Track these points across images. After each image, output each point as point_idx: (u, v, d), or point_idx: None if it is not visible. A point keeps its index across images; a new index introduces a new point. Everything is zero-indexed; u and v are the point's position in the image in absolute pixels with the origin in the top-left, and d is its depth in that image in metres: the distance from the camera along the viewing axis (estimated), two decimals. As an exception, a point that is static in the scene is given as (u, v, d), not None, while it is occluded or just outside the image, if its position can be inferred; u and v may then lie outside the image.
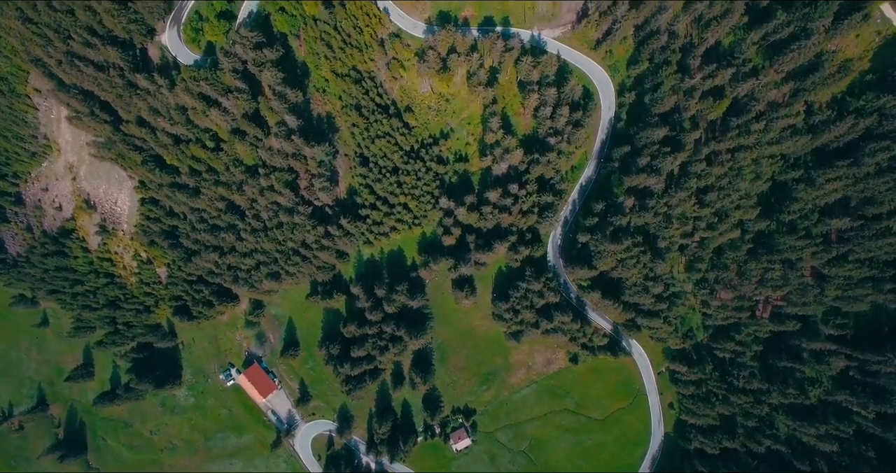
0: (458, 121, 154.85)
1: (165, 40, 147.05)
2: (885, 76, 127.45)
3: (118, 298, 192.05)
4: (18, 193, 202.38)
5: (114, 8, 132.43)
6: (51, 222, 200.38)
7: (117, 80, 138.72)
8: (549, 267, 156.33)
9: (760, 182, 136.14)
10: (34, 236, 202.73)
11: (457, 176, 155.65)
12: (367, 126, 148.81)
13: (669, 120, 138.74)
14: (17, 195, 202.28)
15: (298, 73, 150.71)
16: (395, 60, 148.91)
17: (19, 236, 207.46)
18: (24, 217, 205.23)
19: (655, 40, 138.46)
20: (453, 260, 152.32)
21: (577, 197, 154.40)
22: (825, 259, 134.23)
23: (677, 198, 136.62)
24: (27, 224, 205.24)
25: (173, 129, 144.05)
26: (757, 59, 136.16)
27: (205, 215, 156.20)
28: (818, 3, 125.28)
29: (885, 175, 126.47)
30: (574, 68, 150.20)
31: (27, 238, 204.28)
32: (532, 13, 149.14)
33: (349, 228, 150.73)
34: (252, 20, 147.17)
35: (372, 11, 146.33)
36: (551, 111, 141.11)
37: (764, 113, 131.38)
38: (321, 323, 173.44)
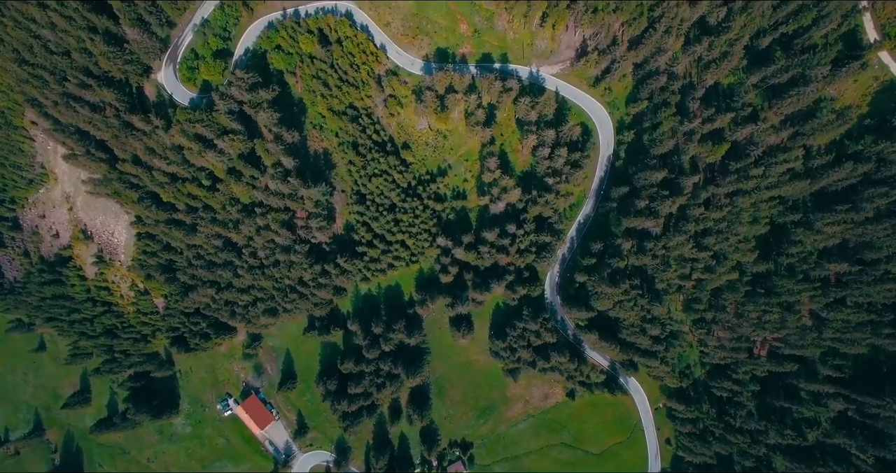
0: (456, 158, 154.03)
1: (161, 78, 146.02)
2: (884, 122, 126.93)
3: (115, 327, 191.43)
4: (15, 218, 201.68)
5: (109, 50, 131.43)
6: (48, 248, 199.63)
7: (113, 121, 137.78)
8: (546, 305, 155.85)
9: (759, 225, 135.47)
10: (31, 262, 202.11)
11: (454, 213, 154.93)
12: (364, 164, 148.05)
13: (668, 161, 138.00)
14: (14, 220, 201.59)
15: (295, 110, 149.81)
16: (392, 98, 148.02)
17: (16, 261, 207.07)
18: (21, 242, 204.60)
19: (655, 80, 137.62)
20: (450, 299, 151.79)
21: (575, 234, 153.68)
22: (823, 303, 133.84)
23: (675, 241, 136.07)
24: (24, 249, 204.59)
25: (169, 168, 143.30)
26: (756, 101, 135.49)
27: (201, 251, 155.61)
28: (816, 50, 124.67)
29: (884, 221, 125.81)
30: (573, 105, 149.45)
31: (24, 263, 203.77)
32: (530, 50, 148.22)
33: (346, 266, 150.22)
34: (248, 58, 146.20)
35: (369, 49, 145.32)
36: (549, 151, 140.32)
37: (763, 157, 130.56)
38: (319, 356, 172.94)
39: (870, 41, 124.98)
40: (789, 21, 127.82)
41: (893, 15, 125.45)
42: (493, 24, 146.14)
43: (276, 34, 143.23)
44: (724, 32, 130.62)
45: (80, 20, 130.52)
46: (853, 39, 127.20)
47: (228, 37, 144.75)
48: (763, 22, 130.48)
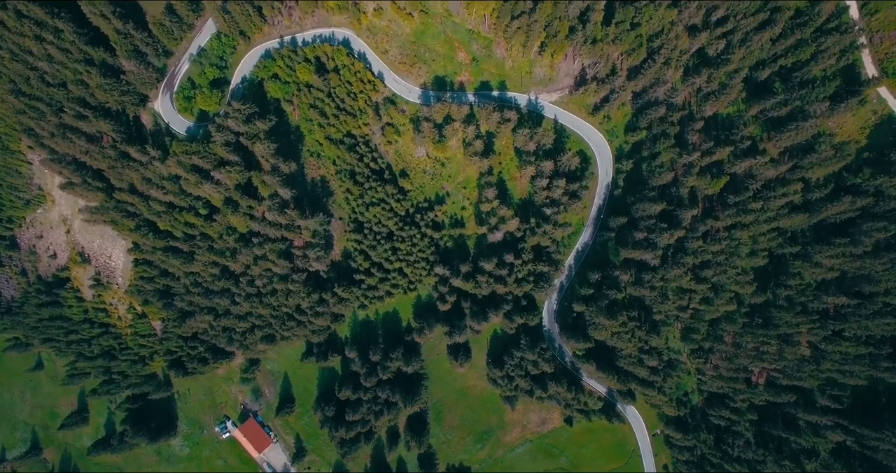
0: (454, 185, 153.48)
1: (158, 107, 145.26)
2: (882, 156, 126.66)
3: (113, 348, 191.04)
4: (13, 237, 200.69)
5: (106, 82, 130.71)
6: (45, 267, 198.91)
7: (110, 152, 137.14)
8: (544, 333, 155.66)
9: (758, 258, 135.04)
10: (28, 281, 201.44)
11: (452, 240, 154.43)
12: (362, 193, 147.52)
13: (667, 193, 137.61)
14: (11, 239, 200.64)
15: (292, 138, 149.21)
16: (389, 126, 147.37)
17: (13, 280, 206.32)
18: (19, 261, 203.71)
19: (654, 111, 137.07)
20: (448, 327, 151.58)
21: (574, 262, 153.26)
22: (821, 335, 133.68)
23: (673, 273, 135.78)
24: (21, 268, 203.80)
25: (166, 198, 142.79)
26: (756, 131, 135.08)
27: (199, 279, 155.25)
28: (815, 85, 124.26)
29: (883, 255, 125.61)
30: (571, 132, 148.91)
31: (21, 282, 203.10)
32: (529, 77, 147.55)
33: (343, 295, 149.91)
34: (245, 86, 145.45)
35: (366, 77, 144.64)
36: (548, 182, 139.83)
37: (761, 191, 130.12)
38: (317, 380, 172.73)
39: (868, 76, 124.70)
40: (788, 54, 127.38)
41: (891, 49, 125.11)
42: (491, 52, 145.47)
43: (273, 63, 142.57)
44: (724, 64, 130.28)
45: (76, 52, 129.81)
46: (852, 73, 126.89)
47: (225, 66, 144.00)
48: (762, 54, 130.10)
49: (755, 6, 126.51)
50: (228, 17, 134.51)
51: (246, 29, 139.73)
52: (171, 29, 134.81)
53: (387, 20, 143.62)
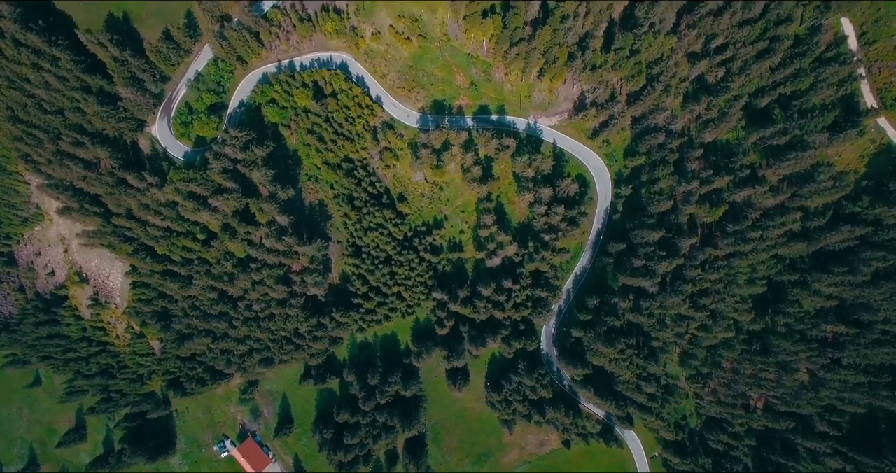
0: (453, 209, 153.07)
1: (155, 132, 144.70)
2: (881, 185, 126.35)
3: (111, 366, 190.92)
4: (11, 253, 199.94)
5: (103, 110, 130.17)
6: (43, 284, 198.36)
7: (107, 178, 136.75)
8: (542, 356, 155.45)
9: (756, 286, 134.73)
10: (26, 297, 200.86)
11: (450, 264, 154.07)
12: (360, 218, 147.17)
13: (666, 220, 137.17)
14: (9, 255, 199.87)
15: (290, 162, 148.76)
16: (387, 150, 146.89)
17: (11, 296, 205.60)
18: (17, 277, 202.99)
19: (653, 137, 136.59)
20: (447, 351, 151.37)
21: (572, 286, 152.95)
22: (820, 364, 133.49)
23: (671, 301, 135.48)
24: (19, 284, 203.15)
25: (163, 223, 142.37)
26: (755, 158, 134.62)
27: (197, 302, 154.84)
28: (814, 114, 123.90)
29: (882, 284, 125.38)
30: (570, 156, 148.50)
31: (19, 299, 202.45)
32: (528, 101, 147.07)
33: (341, 319, 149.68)
34: (242, 111, 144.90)
35: (364, 102, 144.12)
36: (546, 208, 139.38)
37: (760, 220, 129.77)
38: (315, 401, 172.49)
39: (867, 106, 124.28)
40: (787, 82, 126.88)
41: (889, 79, 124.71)
42: (490, 76, 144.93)
43: (271, 88, 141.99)
44: (723, 92, 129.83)
45: (73, 80, 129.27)
46: (851, 102, 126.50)
47: (222, 90, 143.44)
48: (762, 82, 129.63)
49: (754, 35, 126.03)
50: (226, 43, 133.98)
51: (243, 54, 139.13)
52: (169, 55, 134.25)
53: (385, 44, 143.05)
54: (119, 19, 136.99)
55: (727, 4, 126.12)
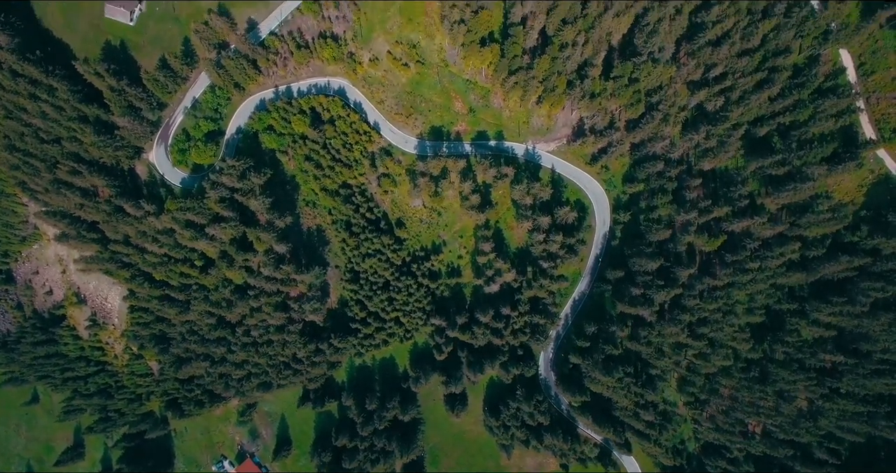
0: (451, 234, 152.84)
1: (153, 158, 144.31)
2: (879, 215, 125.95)
3: (109, 386, 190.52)
4: (9, 271, 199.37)
5: (99, 140, 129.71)
6: (41, 302, 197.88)
7: (104, 206, 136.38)
8: (540, 381, 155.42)
9: (755, 316, 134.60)
10: (24, 315, 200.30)
11: (449, 289, 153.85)
12: (358, 244, 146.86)
13: (664, 249, 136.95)
14: (7, 272, 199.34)
15: (287, 188, 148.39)
16: (385, 177, 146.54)
17: (9, 314, 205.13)
18: (15, 295, 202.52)
19: (651, 165, 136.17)
20: (445, 377, 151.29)
21: (570, 311, 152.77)
22: (819, 393, 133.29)
23: (669, 331, 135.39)
24: (17, 302, 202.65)
25: (161, 250, 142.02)
26: (754, 186, 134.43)
27: (195, 327, 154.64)
28: (813, 145, 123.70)
29: (881, 315, 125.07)
30: (569, 182, 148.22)
31: (17, 316, 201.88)
32: (526, 127, 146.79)
33: (340, 345, 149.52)
34: (239, 138, 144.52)
35: (362, 128, 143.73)
36: (544, 236, 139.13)
37: (759, 250, 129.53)
38: (314, 423, 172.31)
39: (866, 138, 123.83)
40: (786, 113, 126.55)
41: (887, 110, 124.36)
42: (488, 102, 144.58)
43: (268, 115, 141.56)
44: (722, 121, 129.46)
45: (70, 110, 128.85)
46: (850, 133, 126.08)
47: (220, 117, 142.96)
48: (761, 111, 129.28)
49: (753, 65, 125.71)
50: (223, 71, 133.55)
51: (240, 81, 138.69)
52: (165, 83, 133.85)
53: (383, 70, 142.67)
54: (116, 47, 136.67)
55: (726, 34, 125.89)
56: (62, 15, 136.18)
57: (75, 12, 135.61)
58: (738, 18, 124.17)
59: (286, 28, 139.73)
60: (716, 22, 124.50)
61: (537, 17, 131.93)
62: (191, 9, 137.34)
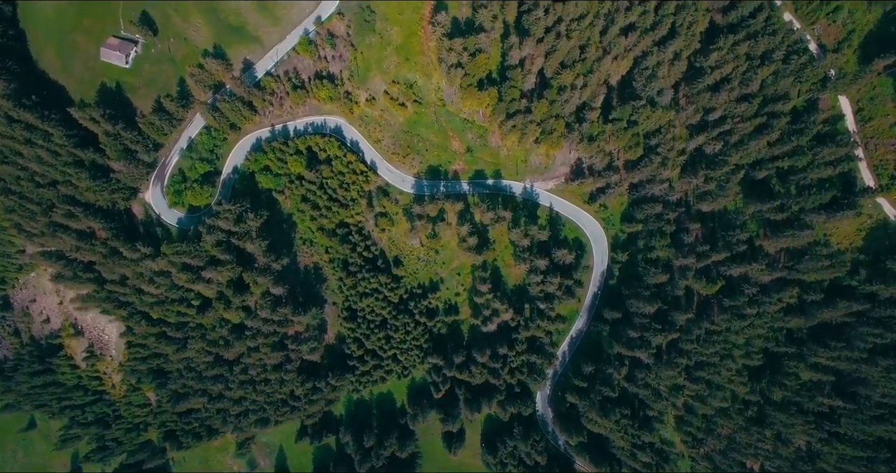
0: (448, 272, 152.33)
1: (149, 198, 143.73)
2: (877, 260, 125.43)
3: (107, 415, 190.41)
4: (6, 297, 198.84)
5: (95, 184, 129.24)
6: (38, 329, 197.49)
7: (100, 248, 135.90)
8: (537, 417, 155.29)
9: (753, 359, 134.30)
10: (21, 341, 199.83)
11: (446, 326, 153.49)
12: (355, 283, 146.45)
13: (662, 291, 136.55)
14: (4, 298, 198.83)
15: (284, 226, 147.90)
16: (382, 216, 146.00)
17: (6, 340, 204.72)
18: (12, 321, 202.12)
19: (650, 206, 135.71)
20: (443, 414, 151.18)
21: (568, 349, 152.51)
22: (817, 437, 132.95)
23: (667, 374, 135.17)
24: (14, 328, 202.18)
25: (158, 291, 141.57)
26: (753, 227, 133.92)
27: (192, 364, 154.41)
28: (812, 192, 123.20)
29: (879, 361, 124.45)
30: (567, 220, 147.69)
31: (14, 343, 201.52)
32: (524, 166, 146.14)
33: (337, 383, 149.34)
34: (236, 178, 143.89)
35: (359, 168, 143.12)
36: (542, 278, 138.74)
37: (757, 295, 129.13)
38: (311, 455, 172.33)
39: (864, 185, 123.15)
40: (785, 157, 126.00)
41: (885, 157, 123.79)
42: (486, 141, 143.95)
43: (264, 156, 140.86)
44: (721, 165, 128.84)
45: (65, 155, 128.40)
46: (848, 179, 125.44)
47: (215, 157, 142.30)
48: (759, 154, 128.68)
49: (752, 110, 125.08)
50: (218, 114, 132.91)
51: (236, 121, 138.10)
52: (161, 126, 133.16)
53: (379, 110, 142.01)
54: (112, 89, 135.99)
55: (725, 79, 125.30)
56: (58, 57, 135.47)
57: (71, 55, 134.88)
58: (737, 64, 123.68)
59: (282, 68, 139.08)
60: (714, 67, 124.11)
61: (535, 60, 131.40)
62: (187, 49, 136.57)
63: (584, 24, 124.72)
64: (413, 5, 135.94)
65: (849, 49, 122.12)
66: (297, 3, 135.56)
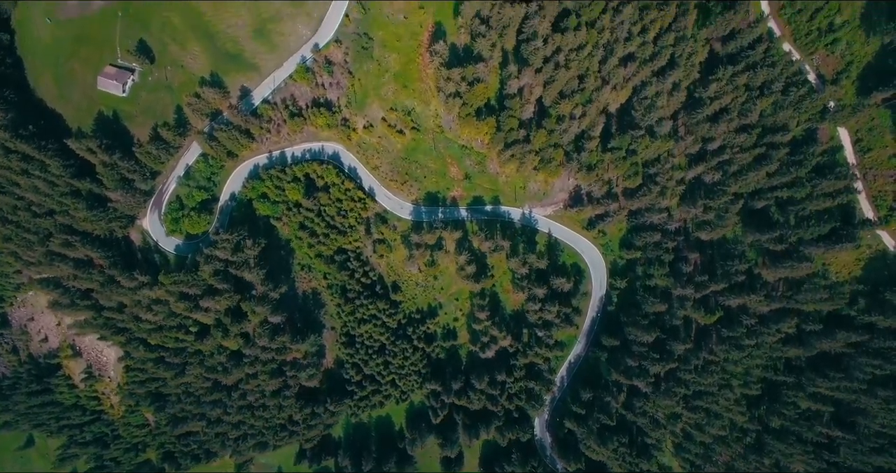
0: (447, 297, 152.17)
1: (146, 225, 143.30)
2: (876, 291, 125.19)
3: (105, 435, 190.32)
4: (4, 315, 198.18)
5: (92, 215, 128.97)
6: (37, 347, 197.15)
7: (97, 277, 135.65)
8: (536, 442, 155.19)
9: (751, 389, 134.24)
10: (20, 359, 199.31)
11: (444, 351, 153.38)
12: (353, 309, 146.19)
13: (660, 321, 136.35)
14: (2, 316, 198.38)
15: (282, 253, 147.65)
16: (380, 243, 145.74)
17: (4, 358, 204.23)
18: (10, 339, 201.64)
19: (649, 235, 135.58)
20: (441, 439, 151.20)
21: (566, 374, 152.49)
22: (816, 467, 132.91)
23: (665, 403, 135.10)
24: (13, 346, 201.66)
25: (155, 318, 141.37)
26: (751, 255, 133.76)
27: (191, 389, 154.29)
28: (811, 223, 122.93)
29: (878, 394, 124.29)
30: (565, 246, 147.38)
31: (12, 361, 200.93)
32: (523, 192, 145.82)
33: (335, 409, 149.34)
34: (233, 205, 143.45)
35: (357, 195, 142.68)
36: (540, 306, 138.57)
37: (756, 326, 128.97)
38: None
39: (864, 217, 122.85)
40: (784, 188, 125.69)
41: (884, 187, 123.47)
42: (484, 168, 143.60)
43: (262, 184, 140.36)
44: (720, 195, 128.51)
45: (63, 185, 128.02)
46: (848, 210, 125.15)
47: (213, 185, 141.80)
48: (758, 184, 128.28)
49: (751, 141, 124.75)
50: (215, 143, 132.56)
51: (233, 149, 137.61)
52: (158, 155, 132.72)
53: (377, 137, 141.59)
54: (109, 117, 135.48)
55: (724, 110, 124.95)
56: (56, 85, 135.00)
57: (69, 83, 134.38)
58: (737, 95, 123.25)
59: (280, 95, 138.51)
60: (714, 98, 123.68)
61: (534, 89, 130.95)
62: (184, 77, 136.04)
63: (583, 55, 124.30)
64: (411, 32, 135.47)
65: (847, 80, 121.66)
66: (294, 31, 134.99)
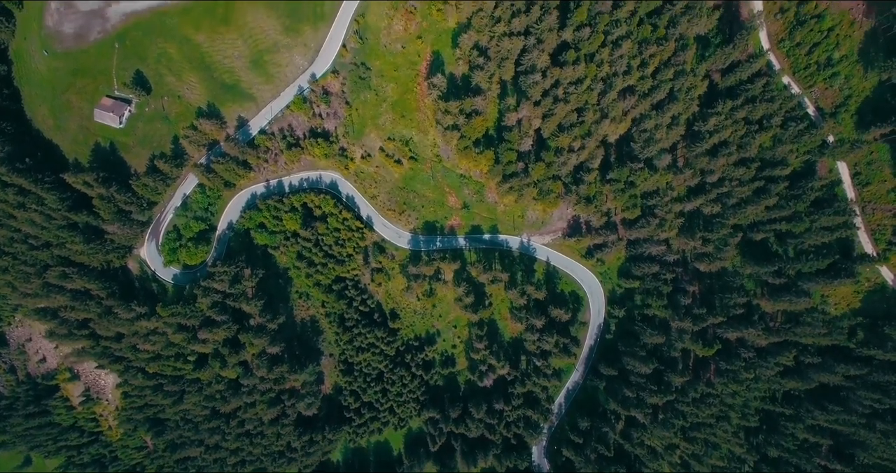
0: (445, 324, 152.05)
1: (144, 254, 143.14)
2: (875, 325, 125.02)
3: (103, 456, 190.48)
4: (2, 334, 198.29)
5: (89, 248, 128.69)
6: (34, 368, 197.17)
7: (95, 308, 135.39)
8: (534, 469, 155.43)
9: (750, 421, 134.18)
10: (17, 379, 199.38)
11: (443, 378, 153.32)
12: (351, 338, 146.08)
13: (658, 352, 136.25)
14: (0, 335, 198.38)
15: (280, 281, 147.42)
16: (378, 272, 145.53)
17: (2, 377, 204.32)
18: (8, 358, 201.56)
19: (647, 266, 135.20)
20: (439, 466, 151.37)
21: (564, 400, 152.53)
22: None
23: (662, 434, 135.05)
24: (10, 365, 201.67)
25: (154, 348, 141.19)
26: (750, 285, 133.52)
27: (189, 415, 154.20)
28: (809, 257, 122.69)
29: (877, 427, 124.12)
30: (564, 274, 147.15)
31: (10, 380, 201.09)
32: (521, 221, 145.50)
33: (333, 437, 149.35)
34: (230, 234, 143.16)
35: (354, 225, 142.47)
36: (538, 336, 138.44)
37: (754, 359, 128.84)
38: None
39: (863, 251, 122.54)
40: (783, 221, 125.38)
41: (882, 221, 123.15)
42: (482, 197, 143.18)
43: (259, 214, 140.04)
44: (718, 227, 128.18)
45: (59, 219, 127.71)
46: (846, 243, 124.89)
47: (210, 215, 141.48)
48: (757, 216, 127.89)
49: (750, 174, 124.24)
50: (213, 174, 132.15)
51: (230, 179, 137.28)
52: (155, 186, 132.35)
53: (375, 166, 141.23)
54: (105, 148, 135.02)
55: (723, 144, 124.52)
56: (52, 117, 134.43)
57: (65, 114, 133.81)
58: (736, 129, 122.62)
59: (277, 125, 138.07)
60: (713, 131, 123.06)
61: (532, 121, 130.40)
62: (181, 107, 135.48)
63: (582, 88, 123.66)
64: (409, 61, 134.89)
65: (846, 114, 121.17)
66: (291, 61, 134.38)
